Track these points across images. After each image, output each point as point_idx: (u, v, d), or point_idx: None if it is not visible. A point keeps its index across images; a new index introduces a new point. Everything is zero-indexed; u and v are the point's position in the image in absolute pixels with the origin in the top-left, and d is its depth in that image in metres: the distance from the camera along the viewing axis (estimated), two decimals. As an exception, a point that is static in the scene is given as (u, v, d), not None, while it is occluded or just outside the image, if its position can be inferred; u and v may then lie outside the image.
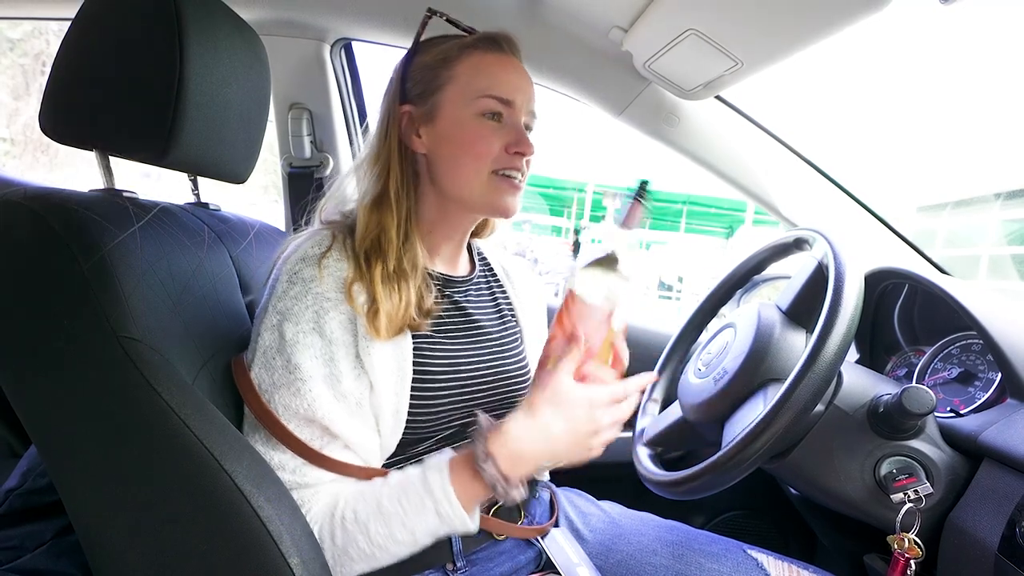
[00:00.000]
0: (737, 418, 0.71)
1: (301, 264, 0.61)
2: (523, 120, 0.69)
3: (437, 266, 0.73)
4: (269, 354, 0.60)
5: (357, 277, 0.62)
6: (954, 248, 7.61)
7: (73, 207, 0.51)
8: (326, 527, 0.59)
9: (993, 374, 0.72)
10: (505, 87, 0.67)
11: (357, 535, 0.58)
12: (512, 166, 0.67)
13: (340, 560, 0.58)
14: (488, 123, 0.66)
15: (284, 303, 0.60)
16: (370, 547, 0.58)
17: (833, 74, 30.22)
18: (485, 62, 0.67)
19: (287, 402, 0.59)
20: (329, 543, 0.58)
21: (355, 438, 0.61)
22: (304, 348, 0.59)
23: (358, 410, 0.61)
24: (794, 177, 1.10)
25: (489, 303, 0.78)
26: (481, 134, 0.66)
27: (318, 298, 0.60)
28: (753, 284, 1.01)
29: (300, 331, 0.59)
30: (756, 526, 1.23)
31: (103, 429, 0.50)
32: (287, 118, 1.26)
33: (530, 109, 0.70)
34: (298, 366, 0.58)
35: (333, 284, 0.61)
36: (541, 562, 0.74)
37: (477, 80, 0.66)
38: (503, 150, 0.66)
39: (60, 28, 1.64)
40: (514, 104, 0.67)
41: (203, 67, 0.59)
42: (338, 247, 0.63)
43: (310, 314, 0.59)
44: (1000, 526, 0.56)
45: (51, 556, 0.65)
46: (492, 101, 0.66)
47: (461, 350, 0.70)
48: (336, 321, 0.60)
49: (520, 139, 0.67)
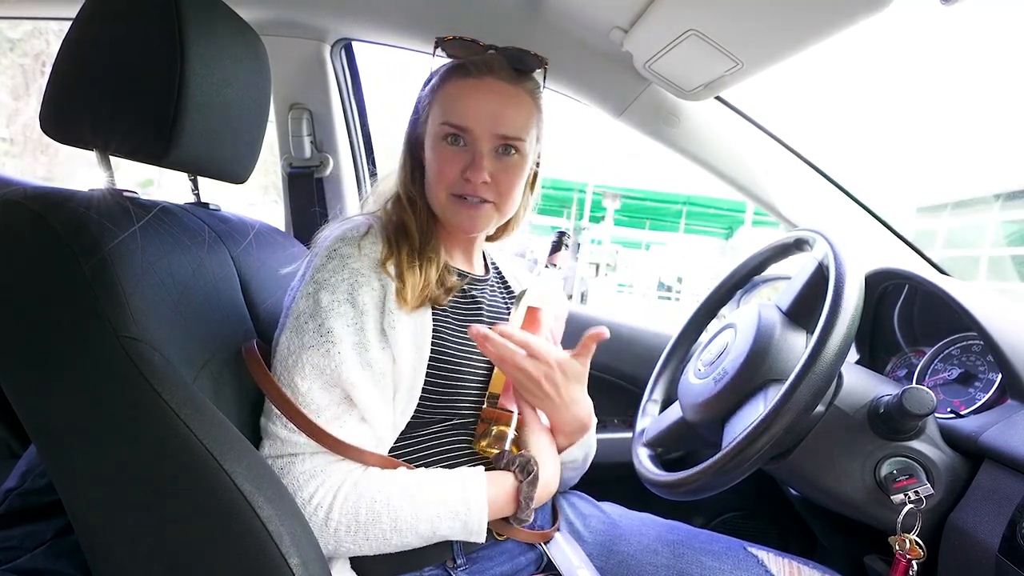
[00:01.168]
0: (737, 419, 0.71)
1: (340, 243, 0.67)
2: (487, 144, 0.69)
3: (456, 262, 0.79)
4: (302, 319, 0.64)
5: (389, 256, 0.68)
6: (954, 249, 7.61)
7: (73, 207, 0.51)
8: (350, 499, 0.60)
9: (993, 375, 0.72)
10: (460, 114, 0.69)
11: (384, 517, 0.60)
12: (464, 191, 0.70)
13: (352, 536, 0.60)
14: (449, 148, 0.70)
15: (322, 274, 0.65)
16: (391, 532, 0.60)
17: (833, 74, 30.23)
18: (452, 89, 0.71)
19: (316, 361, 0.62)
20: (349, 517, 0.60)
21: (373, 408, 0.63)
22: (338, 316, 0.63)
23: (380, 380, 0.65)
24: (794, 177, 1.10)
25: (500, 304, 0.83)
26: (443, 157, 0.70)
27: (354, 272, 0.65)
28: (753, 285, 1.01)
29: (335, 300, 0.64)
30: (756, 527, 1.23)
31: (103, 429, 0.50)
32: (287, 118, 1.26)
33: (498, 133, 0.69)
34: (331, 330, 0.63)
35: (368, 262, 0.67)
36: (542, 564, 0.74)
37: (441, 106, 0.71)
38: (459, 174, 0.69)
39: (60, 28, 1.64)
40: (470, 131, 0.68)
41: (203, 67, 0.59)
42: (374, 232, 0.70)
43: (345, 286, 0.65)
44: (1001, 527, 0.56)
45: (51, 556, 0.65)
46: (448, 128, 0.69)
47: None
48: (368, 295, 0.65)
49: (470, 164, 0.69)
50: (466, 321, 0.74)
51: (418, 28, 1.12)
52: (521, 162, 0.72)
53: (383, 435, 0.65)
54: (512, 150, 0.70)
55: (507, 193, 0.72)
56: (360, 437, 0.63)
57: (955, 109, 17.70)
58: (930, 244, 7.49)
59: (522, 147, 0.71)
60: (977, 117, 14.47)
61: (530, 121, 0.72)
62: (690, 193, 9.38)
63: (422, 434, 0.70)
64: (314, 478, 0.61)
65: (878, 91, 37.01)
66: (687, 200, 9.78)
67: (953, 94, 21.71)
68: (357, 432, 0.63)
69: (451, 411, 0.71)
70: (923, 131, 16.22)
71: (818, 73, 24.60)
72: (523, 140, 0.71)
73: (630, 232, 12.24)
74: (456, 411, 0.71)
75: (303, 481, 0.60)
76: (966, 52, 36.77)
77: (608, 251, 11.14)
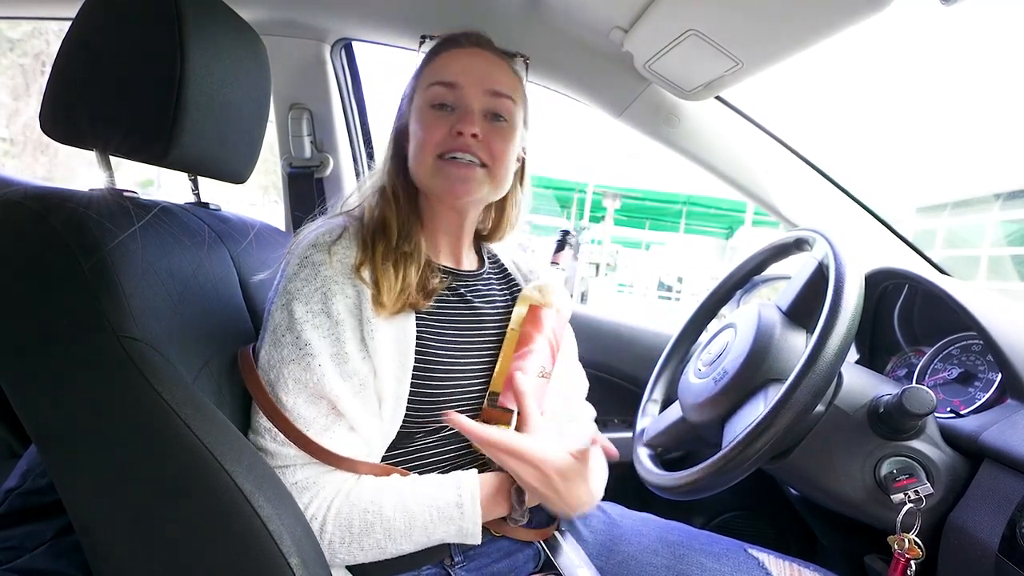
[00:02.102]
0: (737, 419, 0.71)
1: (312, 250, 0.64)
2: (478, 103, 0.68)
3: (441, 259, 0.75)
4: (279, 332, 0.62)
5: (364, 260, 0.65)
6: (954, 249, 7.61)
7: (73, 207, 0.51)
8: (343, 511, 0.59)
9: (993, 374, 0.72)
10: (450, 71, 0.68)
11: (377, 527, 0.59)
12: (454, 147, 0.66)
13: (346, 547, 0.59)
14: (436, 112, 0.68)
15: (294, 284, 0.63)
16: (386, 541, 0.60)
17: (833, 74, 30.23)
18: (443, 56, 0.70)
19: (297, 375, 0.60)
20: (343, 529, 0.59)
21: (359, 418, 0.62)
22: (314, 327, 0.61)
23: (362, 391, 0.62)
24: (794, 177, 1.10)
25: (499, 299, 0.79)
26: (428, 123, 0.67)
27: (326, 281, 0.63)
28: (753, 284, 1.01)
29: (309, 311, 0.62)
30: (756, 527, 1.23)
31: (103, 429, 0.50)
32: (287, 118, 1.26)
33: (490, 89, 0.68)
34: (308, 342, 0.61)
35: (341, 269, 0.64)
36: (540, 561, 0.74)
37: (429, 73, 0.70)
38: (447, 134, 0.67)
39: (60, 28, 1.64)
40: (459, 85, 0.67)
41: (203, 67, 0.59)
42: (348, 236, 0.66)
43: (318, 296, 0.62)
44: (1000, 526, 0.56)
45: (51, 556, 0.65)
46: (437, 87, 0.67)
47: (463, 341, 0.71)
48: (342, 303, 0.62)
49: (461, 118, 0.66)
50: (456, 323, 0.72)
51: (418, 28, 1.11)
52: (511, 131, 0.70)
53: (373, 444, 0.64)
54: (502, 118, 0.69)
55: (500, 157, 0.68)
56: (351, 447, 0.62)
57: (955, 109, 17.69)
58: (930, 244, 7.49)
59: (512, 113, 0.70)
60: (977, 117, 14.46)
61: (518, 89, 0.72)
62: (690, 193, 9.37)
63: (412, 444, 0.68)
64: (307, 490, 0.59)
65: (878, 91, 37.00)
66: (687, 200, 9.77)
67: (953, 94, 21.70)
68: (347, 442, 0.61)
69: (441, 416, 0.68)
70: (923, 131, 16.21)
71: (818, 73, 24.58)
72: (513, 102, 0.69)
73: (630, 232, 12.23)
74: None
75: (296, 493, 0.59)
76: (966, 52, 36.76)
77: (608, 251, 11.14)
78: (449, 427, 0.70)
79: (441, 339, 0.69)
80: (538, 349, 0.72)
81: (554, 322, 0.76)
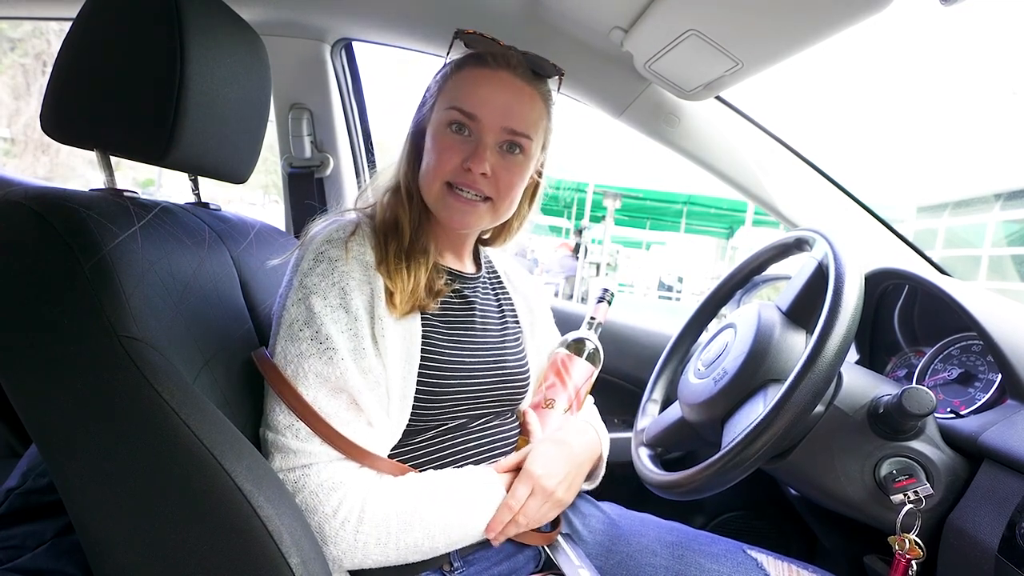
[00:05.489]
0: (737, 419, 0.71)
1: (327, 245, 0.64)
2: (493, 138, 0.67)
3: (446, 261, 0.76)
4: (296, 327, 0.61)
5: (380, 259, 0.66)
6: (954, 249, 7.60)
7: (74, 207, 0.51)
8: (379, 510, 0.59)
9: (993, 375, 0.72)
10: (471, 100, 0.66)
11: (415, 525, 0.60)
12: (462, 181, 0.67)
13: (381, 547, 0.59)
14: (453, 135, 0.67)
15: (311, 279, 0.62)
16: (424, 539, 0.60)
17: (833, 74, 30.23)
18: (466, 76, 0.68)
19: (319, 370, 0.60)
20: (380, 529, 0.59)
21: (376, 415, 0.62)
22: (333, 321, 0.61)
23: (377, 387, 0.63)
24: (794, 177, 1.10)
25: (493, 303, 0.81)
26: (444, 145, 0.67)
27: (344, 276, 0.63)
28: (753, 284, 1.01)
29: (328, 305, 0.62)
30: (756, 527, 1.23)
31: (103, 429, 0.50)
32: (287, 118, 1.27)
33: (508, 127, 0.67)
34: (328, 336, 0.60)
35: (357, 266, 0.64)
36: (540, 563, 0.74)
37: (452, 92, 0.68)
38: (460, 164, 0.66)
39: (61, 28, 1.64)
40: (478, 119, 0.66)
41: (204, 67, 0.59)
42: (361, 232, 0.67)
43: (336, 290, 0.62)
44: (1000, 527, 0.56)
45: (51, 556, 0.65)
46: (455, 112, 0.66)
47: (466, 342, 0.72)
48: (359, 299, 0.63)
49: (472, 154, 0.66)
50: (457, 322, 0.73)
51: (418, 28, 1.12)
52: (524, 163, 0.69)
53: (387, 441, 0.64)
54: (517, 149, 0.68)
55: (506, 192, 0.69)
56: (371, 443, 0.62)
57: (955, 109, 17.68)
58: (930, 244, 7.48)
59: (528, 147, 0.69)
60: (977, 117, 14.45)
61: (539, 123, 0.70)
62: (690, 193, 9.36)
63: (417, 441, 0.68)
64: (335, 490, 0.58)
65: (878, 91, 36.98)
66: (687, 200, 9.76)
67: (953, 94, 21.68)
68: (368, 437, 0.61)
69: (446, 416, 0.69)
70: (924, 130, 16.20)
71: (818, 73, 24.56)
72: (530, 139, 0.68)
73: (630, 232, 12.23)
74: (452, 415, 0.70)
75: (324, 494, 0.58)
76: (966, 52, 36.72)
77: (608, 251, 11.14)
78: (449, 426, 0.70)
79: (446, 339, 0.70)
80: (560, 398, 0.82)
81: (580, 382, 0.83)
